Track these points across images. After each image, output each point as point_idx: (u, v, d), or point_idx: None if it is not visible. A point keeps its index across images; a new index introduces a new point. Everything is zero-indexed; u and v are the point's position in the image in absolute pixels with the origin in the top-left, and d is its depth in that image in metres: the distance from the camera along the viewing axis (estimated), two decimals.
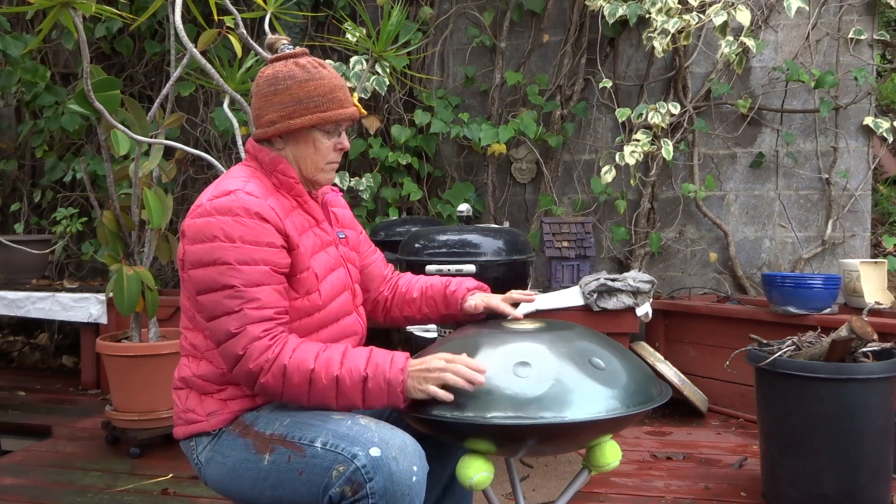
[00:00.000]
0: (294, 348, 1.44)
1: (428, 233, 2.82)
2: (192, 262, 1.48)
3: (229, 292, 1.44)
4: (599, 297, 3.33)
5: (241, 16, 2.82)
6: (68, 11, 2.50)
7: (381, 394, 1.42)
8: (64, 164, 4.57)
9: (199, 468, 1.57)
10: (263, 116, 1.59)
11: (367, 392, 1.42)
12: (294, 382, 1.42)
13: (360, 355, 1.45)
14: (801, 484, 2.31)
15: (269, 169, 1.59)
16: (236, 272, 1.44)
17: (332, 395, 1.43)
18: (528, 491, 2.55)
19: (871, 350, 2.31)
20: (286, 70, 1.57)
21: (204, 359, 1.56)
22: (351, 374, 1.42)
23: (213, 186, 1.55)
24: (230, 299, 1.44)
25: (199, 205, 1.51)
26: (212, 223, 1.46)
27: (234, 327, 1.43)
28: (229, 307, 1.44)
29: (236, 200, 1.48)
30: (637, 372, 1.54)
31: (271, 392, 1.45)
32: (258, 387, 1.45)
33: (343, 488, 1.35)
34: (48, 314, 3.97)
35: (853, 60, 3.75)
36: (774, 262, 3.88)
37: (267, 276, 1.47)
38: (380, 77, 3.26)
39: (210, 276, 1.45)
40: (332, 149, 1.61)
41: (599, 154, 4.01)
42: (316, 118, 1.56)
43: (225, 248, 1.45)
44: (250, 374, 1.44)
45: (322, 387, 1.42)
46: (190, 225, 1.50)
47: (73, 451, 3.07)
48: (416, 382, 1.42)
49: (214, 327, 1.46)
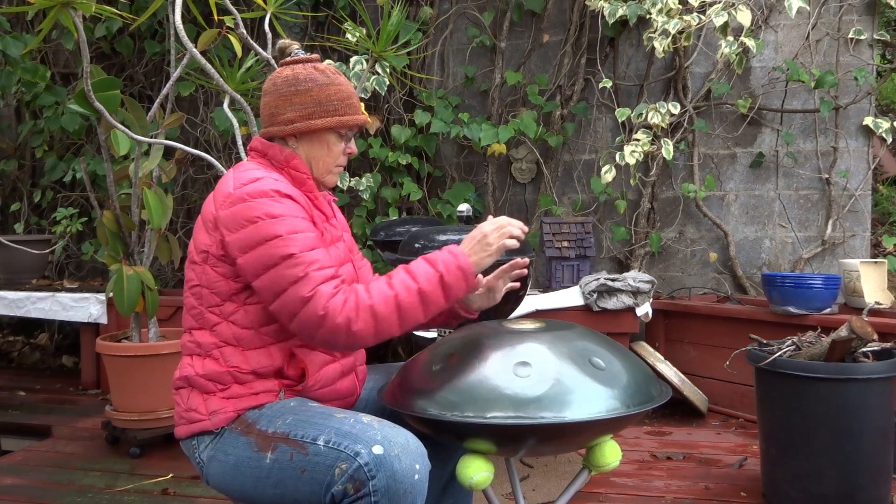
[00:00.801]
0: (366, 289, 1.49)
1: (428, 233, 2.82)
2: (241, 248, 1.48)
3: (289, 261, 1.45)
4: (599, 297, 3.33)
5: (241, 16, 2.82)
6: (68, 11, 2.50)
7: (459, 283, 1.52)
8: (64, 164, 4.56)
9: (200, 467, 1.57)
10: (281, 115, 1.61)
11: (447, 287, 1.50)
12: (384, 315, 1.46)
13: (422, 263, 1.52)
14: (801, 484, 2.31)
15: (282, 165, 1.61)
16: (291, 241, 1.46)
17: (419, 309, 1.49)
18: (528, 491, 2.56)
19: (871, 350, 2.31)
20: (306, 73, 1.62)
21: (209, 357, 1.56)
22: (429, 280, 1.49)
23: (233, 179, 1.55)
24: (293, 268, 1.45)
25: (227, 194, 1.52)
26: (251, 206, 1.48)
27: (306, 292, 1.44)
28: (295, 275, 1.45)
29: (267, 184, 1.51)
30: (637, 372, 1.54)
31: (365, 335, 1.47)
32: (350, 338, 1.46)
33: (345, 486, 1.35)
34: (48, 314, 3.97)
35: (853, 60, 3.75)
36: (774, 262, 3.88)
37: (317, 240, 1.51)
38: (380, 77, 3.26)
39: (265, 253, 1.46)
40: (342, 153, 1.67)
41: (599, 154, 4.01)
42: (335, 121, 1.61)
43: (271, 224, 1.47)
44: (338, 329, 1.45)
45: (409, 305, 1.48)
46: (227, 216, 1.50)
47: (73, 451, 3.08)
48: (482, 252, 1.55)
49: (285, 301, 1.46)
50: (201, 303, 1.57)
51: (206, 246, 1.55)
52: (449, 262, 1.51)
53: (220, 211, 1.52)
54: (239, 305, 1.55)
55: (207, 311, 1.56)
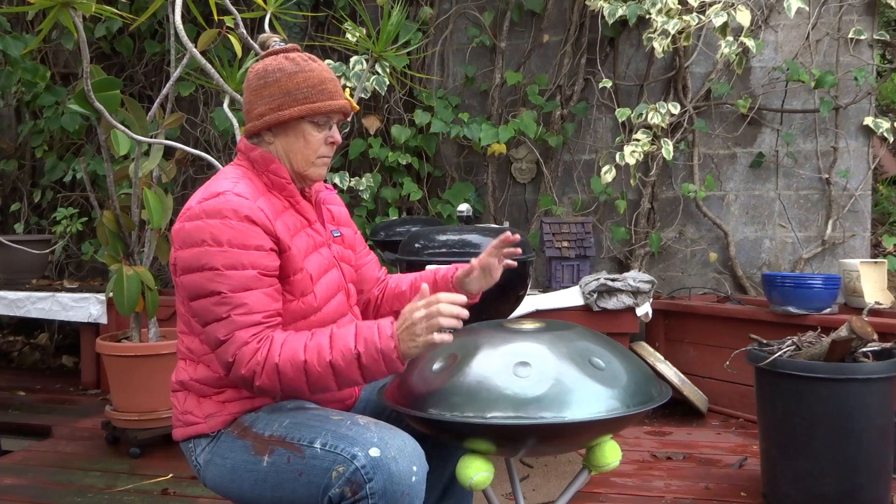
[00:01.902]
0: (281, 343, 1.43)
1: (428, 233, 2.82)
2: (183, 268, 1.47)
3: (216, 299, 1.43)
4: (599, 297, 3.33)
5: (241, 16, 2.82)
6: (68, 11, 2.50)
7: (378, 365, 1.40)
8: (64, 164, 4.56)
9: (198, 470, 1.57)
10: (253, 110, 1.57)
11: (364, 368, 1.41)
12: (290, 378, 1.42)
13: (347, 334, 1.43)
14: (801, 484, 2.31)
15: (261, 168, 1.57)
16: (223, 278, 1.43)
17: (330, 380, 1.42)
18: (528, 491, 2.55)
19: (871, 350, 2.31)
20: (275, 63, 1.56)
21: (201, 363, 1.55)
22: (344, 356, 1.40)
23: (204, 188, 1.53)
24: (218, 306, 1.43)
25: (188, 208, 1.50)
26: (200, 227, 1.45)
27: (222, 334, 1.43)
28: (218, 314, 1.43)
29: (225, 202, 1.46)
30: (637, 372, 1.54)
31: (270, 391, 1.45)
32: (256, 390, 1.46)
33: (343, 489, 1.34)
34: (48, 314, 3.97)
35: (853, 60, 3.75)
36: (774, 262, 3.88)
37: (255, 280, 1.45)
38: (380, 77, 3.26)
39: (199, 282, 1.44)
40: (322, 142, 1.59)
41: (599, 154, 4.01)
42: (305, 109, 1.54)
43: (213, 253, 1.44)
44: (245, 380, 1.44)
45: (318, 375, 1.41)
46: (179, 230, 1.48)
47: (73, 451, 3.07)
48: (410, 341, 1.39)
49: (208, 333, 1.47)
50: (187, 310, 1.55)
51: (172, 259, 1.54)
52: (370, 343, 1.40)
53: (178, 223, 1.50)
54: None
55: (193, 316, 1.54)
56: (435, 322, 1.38)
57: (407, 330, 1.40)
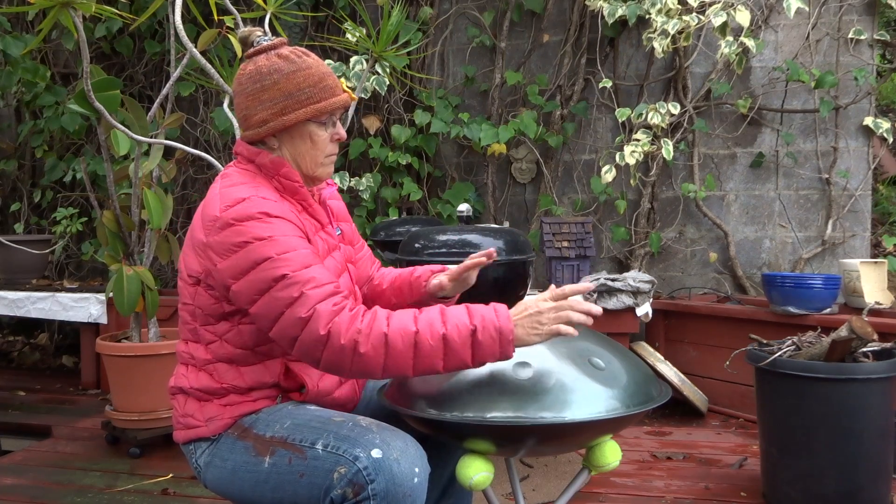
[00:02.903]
0: (387, 315, 1.36)
1: (428, 233, 2.82)
2: (232, 276, 1.40)
3: (282, 283, 1.36)
4: (599, 297, 3.33)
5: (241, 16, 2.82)
6: (68, 11, 2.50)
7: (492, 345, 1.34)
8: (64, 164, 4.56)
9: (198, 471, 1.56)
10: (253, 116, 1.50)
11: (478, 345, 1.34)
12: (398, 350, 1.33)
13: (460, 311, 1.37)
14: (801, 484, 2.31)
15: (271, 173, 1.51)
16: (282, 262, 1.37)
17: (439, 356, 1.34)
18: (528, 491, 2.55)
19: (871, 350, 2.31)
20: (269, 63, 1.49)
21: (203, 371, 1.53)
22: (458, 330, 1.34)
23: (220, 197, 1.45)
24: (286, 289, 1.35)
25: (214, 218, 1.42)
26: (238, 230, 1.39)
27: (303, 313, 1.34)
28: (290, 296, 1.35)
29: (253, 205, 1.41)
30: (637, 372, 1.54)
31: (370, 365, 1.34)
32: (356, 363, 1.34)
33: (345, 490, 1.34)
34: (48, 314, 3.97)
35: (853, 60, 3.75)
36: (774, 262, 3.88)
37: (311, 257, 1.40)
38: (380, 77, 3.26)
39: (256, 278, 1.37)
40: (329, 140, 1.54)
41: (599, 154, 4.01)
42: (311, 111, 1.48)
43: (261, 246, 1.38)
44: (343, 351, 1.33)
45: (429, 349, 1.33)
46: (214, 241, 1.41)
47: (73, 451, 3.07)
48: (531, 329, 1.36)
49: (283, 326, 1.36)
50: (195, 319, 1.52)
51: (197, 273, 1.48)
52: (487, 320, 1.34)
53: (209, 237, 1.43)
54: (233, 325, 1.49)
55: (202, 328, 1.52)
56: (565, 315, 1.37)
57: (530, 317, 1.37)
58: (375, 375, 1.37)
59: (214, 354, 1.51)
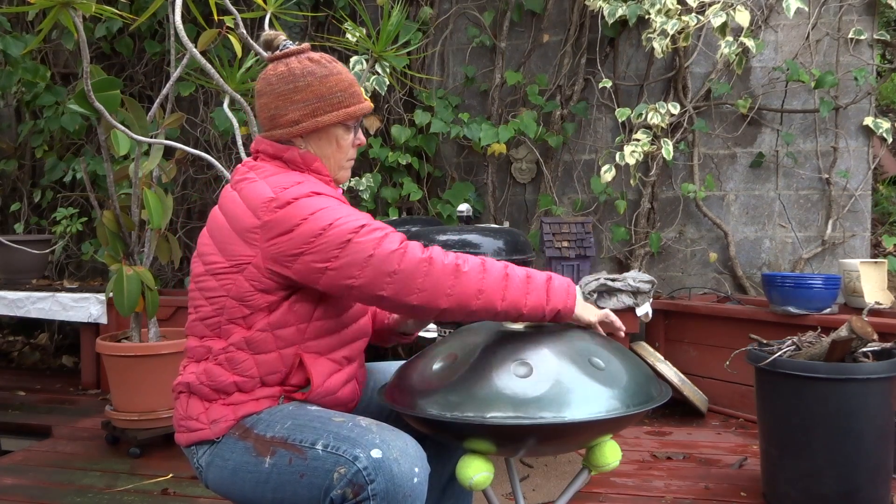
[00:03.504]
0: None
1: (428, 233, 2.82)
2: (305, 242, 1.41)
3: (364, 230, 1.41)
4: (599, 297, 3.33)
5: (241, 16, 2.82)
6: (68, 11, 2.50)
7: (563, 294, 1.49)
8: (64, 164, 4.56)
9: (199, 472, 1.56)
10: (284, 116, 1.54)
11: (552, 290, 1.48)
12: (493, 277, 1.43)
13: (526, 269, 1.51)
14: (801, 484, 2.31)
15: (302, 168, 1.55)
16: (355, 217, 1.43)
17: (524, 290, 1.45)
18: (528, 491, 2.56)
19: (871, 350, 2.31)
20: (302, 66, 1.54)
21: (217, 363, 1.51)
22: (536, 274, 1.49)
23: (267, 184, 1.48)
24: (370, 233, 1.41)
25: (269, 199, 1.44)
26: (301, 206, 1.43)
27: (394, 245, 1.40)
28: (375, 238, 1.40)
29: (307, 187, 1.47)
30: (637, 372, 1.54)
31: (469, 288, 1.41)
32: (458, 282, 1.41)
33: (344, 490, 1.34)
34: (48, 314, 3.97)
35: (853, 60, 3.75)
36: (774, 262, 3.88)
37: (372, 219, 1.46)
38: (380, 77, 3.26)
39: (334, 234, 1.41)
40: (351, 145, 1.60)
41: (599, 154, 4.01)
42: (342, 114, 1.54)
43: (328, 212, 1.42)
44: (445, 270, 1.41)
45: (518, 283, 1.45)
46: (274, 219, 1.43)
47: (73, 451, 3.08)
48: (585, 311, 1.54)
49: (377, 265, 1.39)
50: (222, 313, 1.51)
51: (247, 257, 1.46)
52: (557, 275, 1.51)
53: (265, 217, 1.44)
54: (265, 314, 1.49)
55: (228, 322, 1.50)
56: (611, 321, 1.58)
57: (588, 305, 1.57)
58: (470, 303, 1.42)
59: (233, 342, 1.50)
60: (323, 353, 1.55)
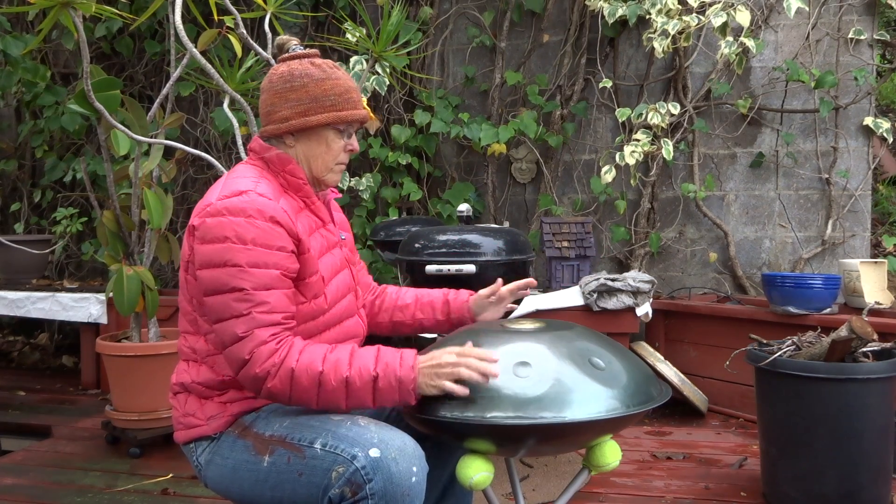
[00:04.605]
0: (300, 350, 1.42)
1: (428, 233, 2.82)
2: (202, 263, 1.45)
3: (238, 295, 1.42)
4: (599, 297, 3.33)
5: (241, 16, 2.82)
6: (68, 11, 2.50)
7: (392, 392, 1.40)
8: (64, 164, 4.57)
9: (199, 470, 1.57)
10: (276, 113, 1.57)
11: (378, 391, 1.40)
12: (303, 386, 1.40)
13: (368, 354, 1.43)
14: (801, 484, 2.31)
15: (277, 169, 1.57)
16: (247, 275, 1.42)
17: (341, 396, 1.41)
18: (528, 491, 2.55)
19: (871, 350, 2.31)
20: (301, 68, 1.57)
21: (204, 364, 1.55)
22: (361, 375, 1.40)
23: (222, 186, 1.53)
24: (239, 302, 1.41)
25: (208, 203, 1.48)
26: (223, 223, 1.44)
27: (241, 330, 1.41)
28: (238, 310, 1.42)
29: (249, 201, 1.46)
30: (637, 372, 1.54)
31: (278, 396, 1.43)
32: (265, 391, 1.43)
33: (343, 489, 1.34)
34: (48, 314, 3.97)
35: (853, 60, 3.75)
36: (774, 262, 3.88)
37: (277, 280, 1.45)
38: (380, 77, 3.26)
39: (220, 277, 1.43)
40: (342, 149, 1.61)
41: (599, 154, 4.01)
42: (332, 116, 1.55)
43: (236, 250, 1.43)
44: (256, 379, 1.41)
45: (331, 388, 1.40)
46: (200, 224, 1.47)
47: (73, 451, 3.07)
48: (429, 379, 1.41)
49: (221, 330, 1.44)
50: (194, 308, 1.55)
51: (186, 256, 1.54)
52: (391, 369, 1.40)
53: (196, 219, 1.49)
54: None
55: (200, 317, 1.54)
56: (458, 371, 1.40)
57: (432, 368, 1.42)
58: (284, 403, 1.47)
59: (213, 344, 1.52)
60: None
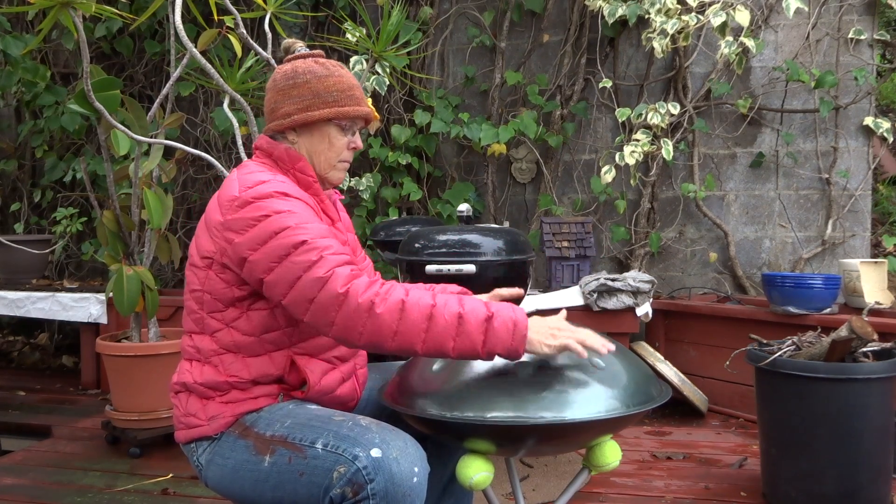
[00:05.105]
0: (406, 287, 1.40)
1: (428, 233, 2.82)
2: (251, 247, 1.43)
3: (302, 248, 1.40)
4: (599, 297, 3.33)
5: (241, 16, 2.82)
6: (68, 11, 2.50)
7: (506, 334, 1.36)
8: (64, 164, 4.57)
9: (199, 470, 1.57)
10: (280, 109, 1.59)
11: (491, 332, 1.36)
12: (412, 318, 1.36)
13: (475, 299, 1.41)
14: (801, 484, 2.31)
15: (287, 166, 1.58)
16: (301, 230, 1.42)
17: (451, 335, 1.36)
18: (528, 491, 2.56)
19: (871, 350, 2.31)
20: (305, 66, 1.59)
21: (208, 363, 1.54)
22: (475, 313, 1.36)
23: (238, 181, 1.51)
24: (306, 253, 1.40)
25: (233, 197, 1.47)
26: (259, 206, 1.44)
27: (322, 272, 1.38)
28: (309, 260, 1.39)
29: (273, 186, 1.48)
30: (637, 372, 1.54)
31: (383, 330, 1.36)
32: (373, 320, 1.36)
33: (344, 489, 1.34)
34: (48, 314, 3.97)
35: (853, 60, 3.75)
36: (774, 262, 3.88)
37: (328, 231, 1.46)
38: (380, 77, 3.26)
39: (276, 245, 1.41)
40: (345, 146, 1.63)
41: (599, 154, 4.01)
42: (333, 111, 1.57)
43: (280, 218, 1.43)
44: (359, 310, 1.35)
45: (443, 324, 1.35)
46: (233, 219, 1.46)
47: (73, 451, 3.07)
48: (542, 338, 1.39)
49: (300, 289, 1.39)
50: (202, 307, 1.54)
51: (210, 253, 1.51)
52: (505, 311, 1.37)
53: (226, 216, 1.47)
54: (242, 311, 1.51)
55: (209, 316, 1.54)
56: (581, 338, 1.40)
57: (548, 327, 1.41)
58: (385, 343, 1.37)
59: (220, 343, 1.53)
60: (314, 354, 1.56)
